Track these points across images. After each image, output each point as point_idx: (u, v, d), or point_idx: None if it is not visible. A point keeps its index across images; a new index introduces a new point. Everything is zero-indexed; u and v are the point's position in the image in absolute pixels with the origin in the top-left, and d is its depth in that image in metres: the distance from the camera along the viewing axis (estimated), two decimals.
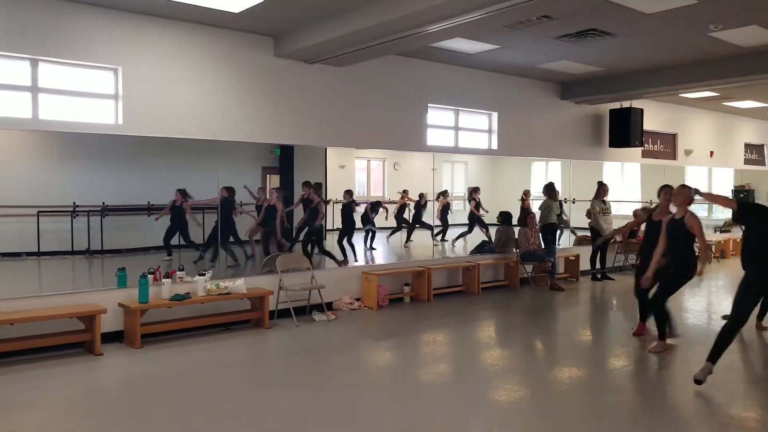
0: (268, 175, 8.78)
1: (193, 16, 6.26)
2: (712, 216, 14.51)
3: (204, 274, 6.40)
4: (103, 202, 7.74)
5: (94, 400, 4.59)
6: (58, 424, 4.03)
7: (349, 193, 9.03)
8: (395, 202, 11.23)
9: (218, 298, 6.29)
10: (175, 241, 7.60)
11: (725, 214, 14.71)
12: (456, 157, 11.33)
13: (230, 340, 6.19)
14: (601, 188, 9.83)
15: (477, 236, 10.57)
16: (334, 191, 9.41)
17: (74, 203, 7.53)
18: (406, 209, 10.91)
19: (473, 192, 10.68)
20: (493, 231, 10.19)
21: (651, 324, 6.18)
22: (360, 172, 11.72)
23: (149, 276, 6.05)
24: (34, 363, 5.25)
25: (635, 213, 9.79)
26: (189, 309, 6.32)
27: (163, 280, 6.17)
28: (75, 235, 7.55)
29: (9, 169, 7.32)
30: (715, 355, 4.63)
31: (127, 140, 6.40)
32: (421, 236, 10.71)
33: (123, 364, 5.37)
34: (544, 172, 12.18)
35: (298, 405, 4.33)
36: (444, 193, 10.59)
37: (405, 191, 10.86)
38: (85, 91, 6.04)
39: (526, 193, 10.63)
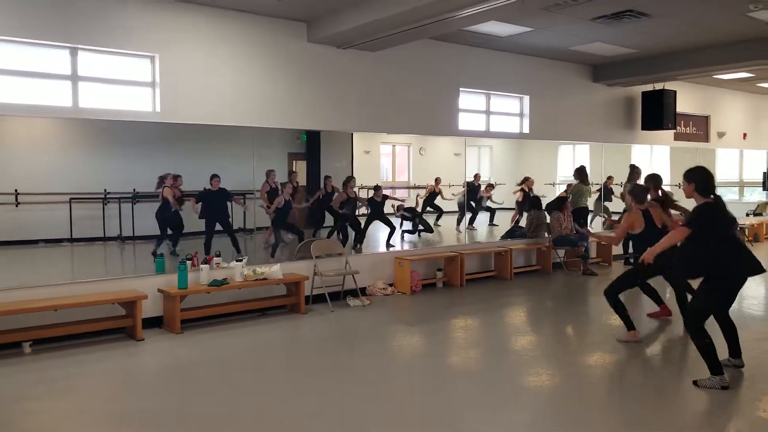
0: (294, 161, 8.79)
1: (228, 2, 6.25)
2: (743, 199, 14.25)
3: (241, 260, 6.45)
4: (134, 189, 7.83)
5: (138, 384, 4.67)
6: (103, 408, 4.11)
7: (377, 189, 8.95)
8: (422, 188, 11.18)
9: (255, 283, 6.34)
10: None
11: (758, 196, 14.45)
12: (482, 142, 11.24)
13: (267, 325, 6.24)
14: (634, 172, 9.68)
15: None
16: (360, 177, 9.41)
17: (105, 190, 7.62)
18: (438, 196, 10.82)
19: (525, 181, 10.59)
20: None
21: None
22: (385, 158, 11.69)
23: (187, 262, 6.12)
24: (78, 348, 5.34)
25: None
26: (226, 295, 6.38)
27: (201, 266, 6.23)
28: (106, 221, 7.66)
29: (41, 156, 7.43)
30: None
31: (156, 127, 6.45)
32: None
33: (165, 349, 5.45)
34: (571, 156, 12.04)
35: (334, 390, 4.35)
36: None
37: (437, 179, 10.77)
38: (123, 79, 6.08)
39: (527, 181, 10.51)
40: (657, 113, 10.37)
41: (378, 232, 10.50)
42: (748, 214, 13.42)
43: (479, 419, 3.80)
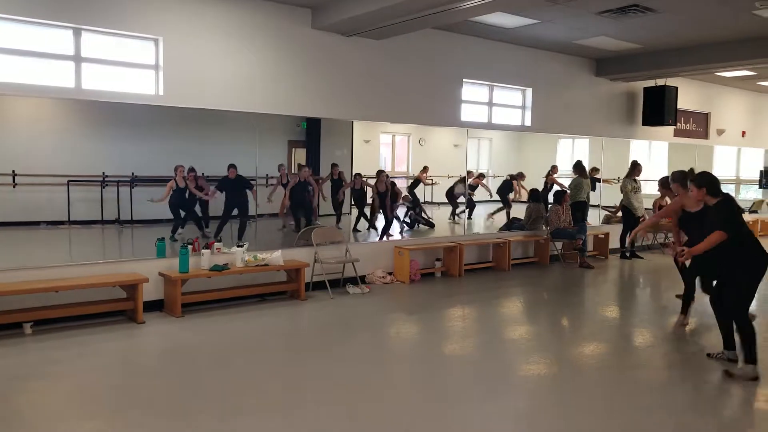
0: (294, 149, 8.76)
1: None
2: (739, 196, 14.31)
3: (242, 246, 6.46)
4: (132, 173, 7.80)
5: (138, 366, 4.68)
6: (102, 389, 4.13)
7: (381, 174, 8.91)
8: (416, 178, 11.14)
9: (256, 269, 6.36)
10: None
11: (754, 194, 14.53)
12: (481, 134, 11.22)
13: (268, 310, 6.27)
14: (635, 167, 9.72)
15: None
16: (359, 165, 9.40)
17: (103, 173, 7.59)
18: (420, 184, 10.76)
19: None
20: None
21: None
22: (384, 147, 11.66)
23: (188, 247, 6.12)
24: (79, 330, 5.35)
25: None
26: (227, 279, 6.39)
27: (202, 250, 6.23)
28: (104, 205, 7.63)
29: (40, 138, 7.38)
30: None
31: (156, 111, 6.42)
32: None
33: (165, 332, 5.47)
34: (570, 149, 12.05)
35: (332, 375, 4.39)
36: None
37: (425, 167, 10.72)
38: (127, 61, 6.04)
39: (520, 175, 10.54)
40: (658, 109, 10.41)
41: (376, 222, 10.51)
42: (744, 212, 13.51)
43: (475, 407, 3.84)
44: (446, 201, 10.29)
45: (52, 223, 7.38)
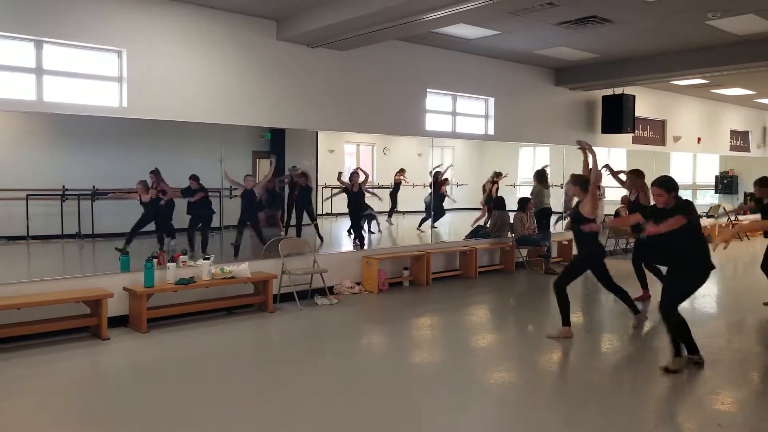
0: (258, 159, 8.74)
1: None
2: (696, 201, 14.78)
3: (208, 258, 6.41)
4: (94, 186, 7.68)
5: (104, 383, 4.62)
6: (67, 408, 4.06)
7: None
8: (386, 187, 11.22)
9: (223, 282, 6.31)
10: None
11: (710, 199, 15.02)
12: (445, 142, 11.37)
13: (235, 324, 6.22)
14: None
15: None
16: (324, 176, 9.43)
17: (63, 187, 7.45)
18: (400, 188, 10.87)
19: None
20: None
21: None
22: (349, 157, 11.72)
23: (153, 260, 6.04)
24: (42, 347, 5.23)
25: (624, 200, 10.02)
26: (193, 293, 6.33)
27: (168, 264, 6.16)
28: (65, 218, 7.48)
29: None
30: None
31: (118, 123, 6.34)
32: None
33: (131, 348, 5.38)
34: (531, 157, 12.29)
35: (301, 388, 4.39)
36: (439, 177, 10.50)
37: (401, 170, 10.80)
38: (90, 74, 5.97)
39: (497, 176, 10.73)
40: (616, 117, 10.70)
41: (341, 231, 10.52)
42: (701, 216, 13.94)
43: (445, 418, 3.88)
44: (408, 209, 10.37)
45: (11, 238, 7.21)
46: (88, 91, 5.96)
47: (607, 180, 8.65)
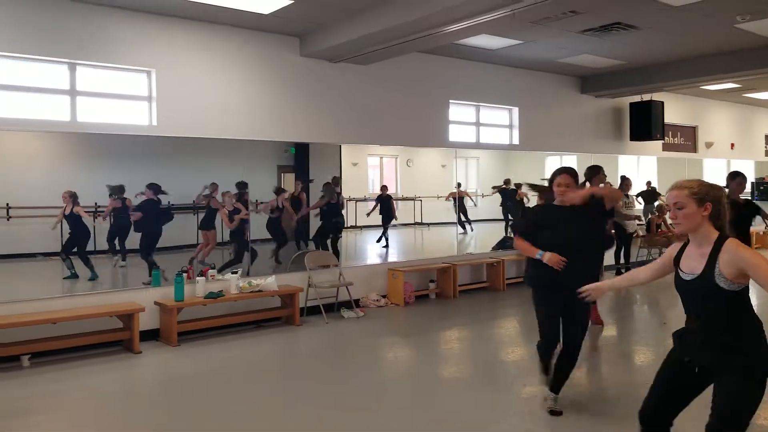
0: (283, 174, 8.85)
1: (224, 18, 6.34)
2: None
3: (236, 272, 6.50)
4: (126, 200, 7.85)
5: (136, 397, 4.70)
6: (100, 421, 4.14)
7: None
8: (408, 199, 11.25)
9: (250, 295, 6.39)
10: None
11: None
12: (469, 153, 11.34)
13: (263, 337, 6.28)
14: (624, 182, 9.81)
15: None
16: (349, 189, 9.49)
17: (96, 203, 7.65)
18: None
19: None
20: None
21: None
22: (372, 170, 11.77)
23: (183, 275, 6.16)
24: (76, 361, 5.37)
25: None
26: (222, 307, 6.41)
27: (197, 278, 6.27)
28: (97, 235, 7.67)
29: (33, 171, 7.45)
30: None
31: (147, 140, 6.51)
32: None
33: (163, 361, 5.48)
34: (558, 166, 12.15)
35: (329, 402, 4.41)
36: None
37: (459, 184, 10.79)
38: (121, 93, 6.15)
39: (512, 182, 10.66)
40: (645, 124, 10.53)
41: (366, 243, 10.56)
42: None
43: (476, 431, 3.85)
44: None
45: (47, 255, 7.42)
46: (119, 110, 6.13)
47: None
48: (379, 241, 10.01)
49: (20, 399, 4.51)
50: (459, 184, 10.26)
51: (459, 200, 10.43)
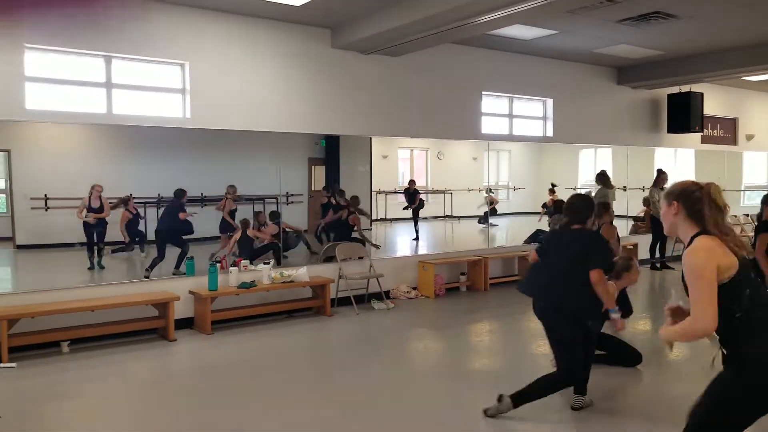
0: (313, 166, 8.88)
1: (256, 10, 6.37)
2: None
3: (268, 263, 6.56)
4: (159, 194, 7.99)
5: (171, 384, 4.79)
6: (135, 407, 4.23)
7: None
8: (438, 192, 11.27)
9: (282, 286, 6.44)
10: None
11: None
12: (501, 146, 11.22)
13: (295, 327, 6.34)
14: (661, 176, 9.61)
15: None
16: (378, 182, 9.48)
17: (131, 195, 7.79)
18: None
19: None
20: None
21: None
22: (402, 162, 11.73)
23: (217, 264, 6.24)
24: (113, 348, 5.48)
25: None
26: (254, 297, 6.48)
27: (230, 268, 6.35)
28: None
29: (70, 162, 7.63)
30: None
31: (179, 133, 6.60)
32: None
33: (196, 349, 5.57)
34: (593, 159, 11.96)
35: (359, 391, 4.43)
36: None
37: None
38: (155, 86, 6.23)
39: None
40: (684, 116, 10.27)
41: (396, 236, 10.57)
42: None
43: (508, 424, 3.82)
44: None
45: (83, 245, 7.60)
46: (153, 103, 6.21)
47: None
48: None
49: (59, 384, 4.63)
50: (490, 189, 10.30)
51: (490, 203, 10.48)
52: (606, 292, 3.79)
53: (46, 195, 7.26)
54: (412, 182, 10.54)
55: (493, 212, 10.89)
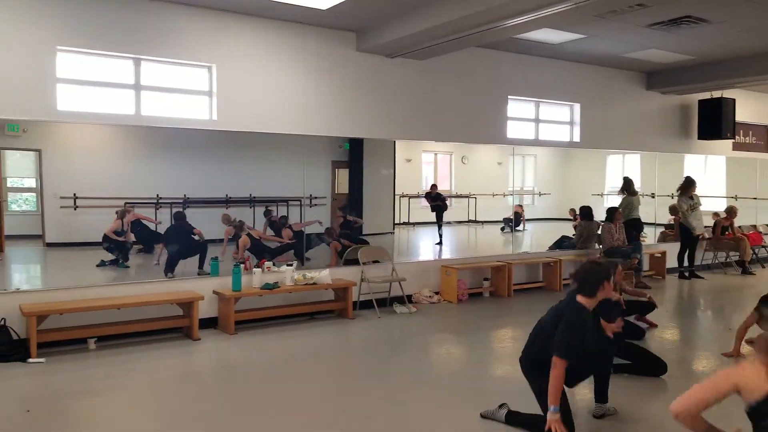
0: (337, 169, 8.91)
1: (282, 13, 6.42)
2: None
3: (291, 264, 6.59)
4: (185, 195, 8.11)
5: (195, 383, 4.84)
6: (159, 405, 4.28)
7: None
8: (462, 196, 11.25)
9: (305, 287, 6.46)
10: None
11: None
12: (526, 150, 11.13)
13: (317, 329, 6.35)
14: (690, 184, 9.42)
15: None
16: (402, 185, 9.48)
17: (157, 195, 7.91)
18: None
19: None
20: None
21: None
22: (426, 166, 11.70)
23: (240, 265, 6.29)
24: (138, 346, 5.55)
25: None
26: (277, 298, 6.51)
27: (254, 269, 6.39)
28: (159, 225, 7.94)
29: (98, 163, 7.79)
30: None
31: (206, 135, 6.68)
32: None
33: (220, 349, 5.61)
34: (620, 165, 11.79)
35: (379, 394, 4.41)
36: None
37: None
38: (183, 88, 6.31)
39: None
40: (715, 122, 10.07)
41: (419, 240, 10.53)
42: None
43: None
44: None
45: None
46: (180, 105, 6.30)
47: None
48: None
49: (85, 379, 4.71)
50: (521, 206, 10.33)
51: (515, 214, 10.45)
52: (553, 386, 3.45)
53: (75, 194, 7.43)
54: (434, 186, 10.52)
55: (517, 222, 10.84)
